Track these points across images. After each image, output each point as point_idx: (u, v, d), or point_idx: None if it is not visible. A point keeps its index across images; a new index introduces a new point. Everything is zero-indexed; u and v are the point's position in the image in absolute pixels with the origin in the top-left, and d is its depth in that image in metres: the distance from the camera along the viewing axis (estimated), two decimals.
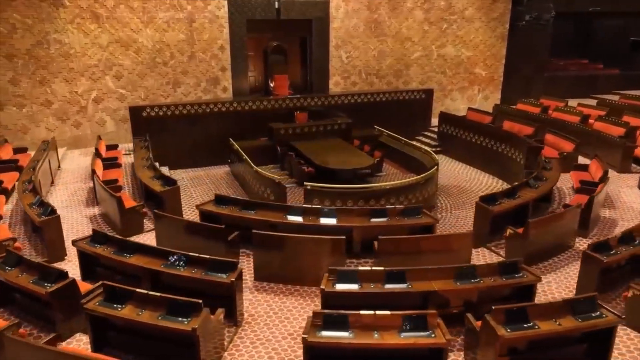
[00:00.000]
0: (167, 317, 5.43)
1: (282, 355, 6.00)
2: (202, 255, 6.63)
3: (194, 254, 6.67)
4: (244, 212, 8.70)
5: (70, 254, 8.19)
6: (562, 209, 9.01)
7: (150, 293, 5.64)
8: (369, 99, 15.91)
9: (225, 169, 14.18)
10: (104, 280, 7.31)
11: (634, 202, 10.58)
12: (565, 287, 7.53)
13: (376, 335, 5.13)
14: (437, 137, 15.84)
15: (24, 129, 13.64)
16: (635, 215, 9.93)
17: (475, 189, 12.34)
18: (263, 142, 14.35)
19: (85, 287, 6.58)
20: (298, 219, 8.46)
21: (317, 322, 5.26)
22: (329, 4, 15.86)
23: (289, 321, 6.72)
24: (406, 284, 6.26)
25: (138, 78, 14.53)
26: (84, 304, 5.62)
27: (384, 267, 6.44)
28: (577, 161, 12.33)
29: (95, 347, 5.84)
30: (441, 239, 7.74)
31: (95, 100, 14.23)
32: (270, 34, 16.58)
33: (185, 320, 5.36)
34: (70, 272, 7.71)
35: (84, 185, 11.61)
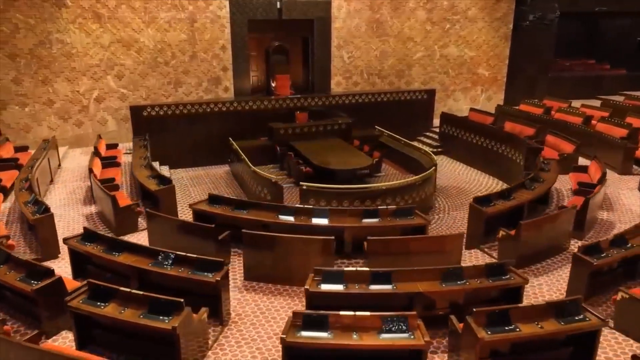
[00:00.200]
0: (148, 316, 5.45)
1: (265, 355, 6.00)
2: (189, 254, 6.65)
3: (181, 253, 6.69)
4: (236, 212, 8.72)
5: (63, 252, 8.24)
6: (556, 211, 8.93)
7: (133, 291, 5.66)
8: (370, 99, 15.88)
9: (225, 169, 14.23)
10: (95, 278, 7.40)
11: (634, 205, 10.45)
12: (556, 289, 7.45)
13: (355, 336, 5.11)
14: (439, 137, 15.77)
15: (27, 127, 13.79)
16: (634, 218, 9.80)
17: (474, 190, 12.26)
18: (263, 142, 14.38)
19: (75, 285, 6.62)
20: (290, 219, 8.46)
21: (297, 322, 5.26)
22: (330, 4, 15.85)
23: (275, 321, 6.72)
24: (391, 285, 6.23)
25: (139, 78, 14.61)
26: (68, 301, 5.65)
27: (369, 268, 6.42)
28: (577, 162, 12.21)
29: (80, 345, 5.88)
30: (431, 240, 7.70)
31: (97, 100, 14.34)
32: (272, 34, 16.60)
33: (166, 319, 5.38)
34: (62, 270, 7.86)
35: (83, 184, 11.70)
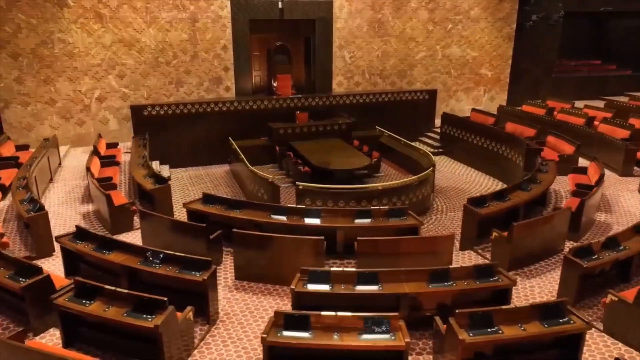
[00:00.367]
0: (132, 314, 5.49)
1: (250, 355, 6.01)
2: (177, 253, 6.68)
3: (169, 252, 6.72)
4: (229, 211, 8.74)
5: (58, 250, 8.31)
6: (550, 212, 8.86)
7: (118, 290, 5.70)
8: (371, 99, 15.85)
9: (225, 168, 14.26)
10: (87, 276, 7.46)
11: (633, 207, 10.35)
12: (548, 291, 7.39)
13: (336, 336, 5.11)
14: (440, 138, 15.70)
15: (29, 126, 13.93)
16: (632, 220, 9.68)
17: (473, 191, 12.18)
18: (262, 142, 14.40)
19: (65, 283, 6.67)
20: (282, 219, 8.46)
21: (279, 322, 5.26)
22: (332, 4, 15.83)
23: (264, 320, 6.71)
24: (378, 285, 6.22)
25: (141, 77, 14.70)
26: (54, 299, 5.70)
27: (359, 268, 6.40)
28: (577, 163, 12.10)
29: (66, 343, 5.93)
30: (422, 241, 7.66)
31: (99, 99, 14.44)
32: (275, 34, 16.62)
33: (149, 318, 5.41)
34: (56, 267, 7.94)
35: (82, 183, 11.79)
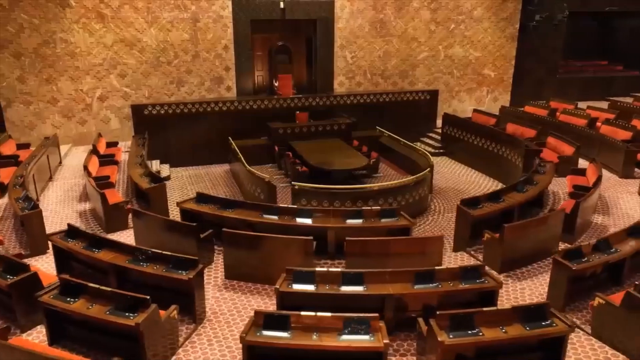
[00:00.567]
0: (115, 312, 5.52)
1: (235, 354, 6.02)
2: (164, 252, 6.71)
3: (157, 250, 6.75)
4: (221, 211, 8.76)
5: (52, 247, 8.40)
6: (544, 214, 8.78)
7: (102, 288, 5.73)
8: (372, 99, 15.81)
9: (225, 168, 14.31)
10: (78, 274, 7.54)
11: (632, 209, 10.22)
12: (539, 294, 7.32)
13: (315, 336, 5.10)
14: (441, 138, 15.63)
15: (31, 125, 14.07)
16: (630, 223, 9.47)
17: (472, 192, 12.10)
18: (262, 142, 14.43)
19: (54, 281, 6.72)
20: (274, 218, 8.47)
21: (259, 321, 5.26)
22: (333, 4, 15.82)
23: None
24: (363, 286, 6.20)
25: (142, 77, 14.79)
26: (39, 296, 5.75)
27: (348, 269, 6.39)
28: (577, 165, 11.99)
29: (52, 340, 5.98)
30: (411, 242, 7.63)
31: (100, 98, 14.55)
32: (278, 33, 16.64)
33: (132, 316, 5.44)
34: (49, 265, 8.01)
35: (81, 181, 11.88)
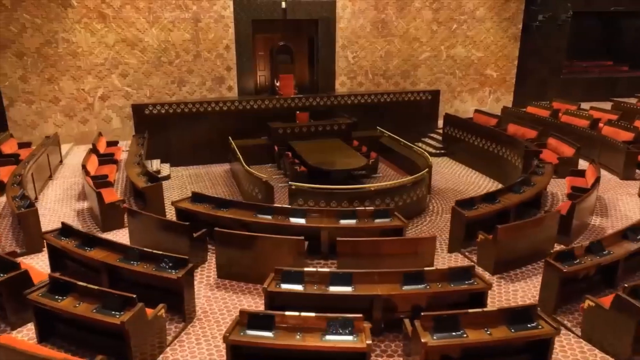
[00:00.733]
0: (101, 310, 5.55)
1: (222, 353, 6.00)
2: (154, 251, 6.74)
3: (147, 249, 6.78)
4: (216, 210, 8.78)
5: None
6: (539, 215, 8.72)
7: (89, 286, 5.77)
8: (373, 99, 15.77)
9: (225, 167, 14.33)
10: (72, 272, 7.59)
11: (630, 211, 10.13)
12: (531, 295, 7.27)
13: (299, 336, 5.10)
14: (442, 139, 15.57)
15: (33, 124, 14.20)
16: (628, 225, 9.49)
17: (472, 193, 12.01)
18: (262, 142, 14.44)
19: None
20: (267, 218, 8.48)
21: (244, 321, 5.27)
22: (335, 4, 15.82)
23: None
24: (351, 286, 6.19)
25: (143, 76, 14.87)
26: (28, 294, 5.80)
27: (339, 269, 6.39)
28: (577, 166, 11.90)
29: (41, 337, 6.03)
30: (402, 243, 7.60)
31: (102, 98, 14.65)
32: (280, 34, 16.66)
33: (117, 314, 5.47)
34: (44, 263, 8.06)
35: (80, 180, 11.93)
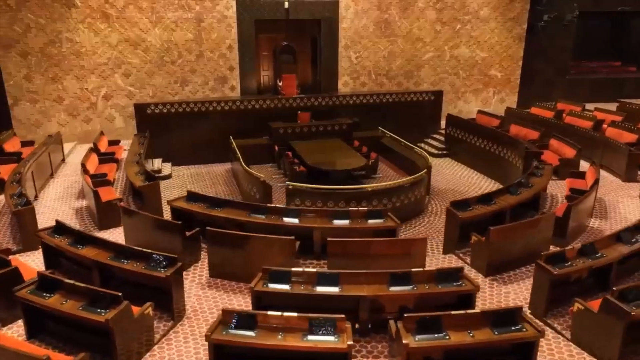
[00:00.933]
0: (87, 308, 5.59)
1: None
2: (144, 249, 6.78)
3: (137, 248, 6.82)
4: (210, 210, 8.81)
5: None
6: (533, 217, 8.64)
7: (76, 284, 5.81)
8: (375, 99, 15.73)
9: (226, 167, 14.37)
10: (65, 270, 7.67)
11: (630, 213, 10.01)
12: (523, 298, 7.21)
13: (280, 336, 5.10)
14: (445, 140, 15.49)
15: (37, 123, 14.36)
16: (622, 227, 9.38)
17: (472, 194, 11.92)
18: (263, 141, 14.46)
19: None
20: (261, 218, 8.49)
21: (226, 320, 5.28)
22: (338, 4, 15.81)
23: None
24: (338, 287, 6.18)
25: (146, 76, 14.96)
26: (16, 291, 5.86)
27: (316, 269, 6.38)
28: (578, 167, 11.79)
29: (30, 334, 6.09)
30: (392, 243, 7.56)
31: (105, 97, 14.77)
32: (283, 34, 16.69)
33: (103, 312, 5.50)
34: (39, 261, 8.14)
35: (81, 178, 12.04)
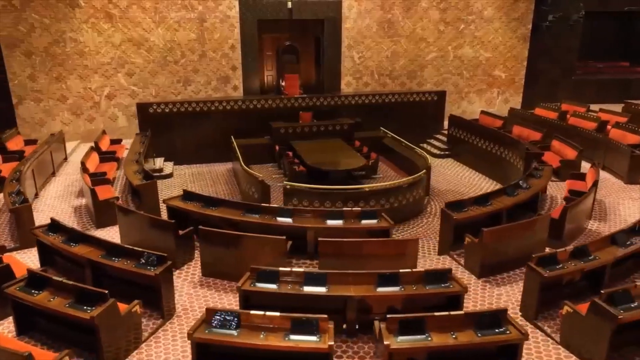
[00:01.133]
0: (74, 305, 5.64)
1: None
2: (135, 248, 6.82)
3: (128, 246, 6.87)
4: (205, 209, 8.85)
5: None
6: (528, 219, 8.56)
7: (64, 281, 5.87)
8: (378, 100, 15.68)
9: (228, 166, 14.41)
10: (60, 267, 7.74)
11: (630, 216, 9.88)
12: (515, 300, 7.14)
13: (262, 336, 5.11)
14: (447, 140, 15.41)
15: (41, 122, 14.52)
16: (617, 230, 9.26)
17: (472, 195, 11.87)
18: (264, 141, 14.48)
19: None
20: (254, 217, 8.51)
21: (209, 319, 5.30)
22: (341, 4, 15.80)
23: None
24: (325, 287, 6.17)
25: (149, 76, 15.06)
26: (5, 287, 5.92)
27: (304, 269, 6.38)
28: (579, 169, 11.67)
29: (19, 331, 6.16)
30: (384, 244, 7.54)
31: (108, 97, 14.90)
32: (287, 34, 16.71)
33: (89, 309, 5.55)
34: (35, 259, 8.23)
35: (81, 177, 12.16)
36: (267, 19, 15.61)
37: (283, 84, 16.42)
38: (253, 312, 5.22)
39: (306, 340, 5.04)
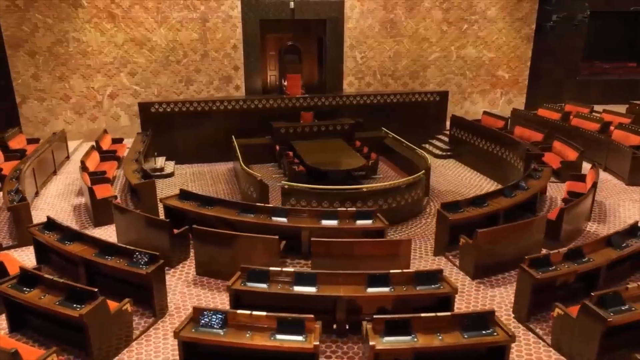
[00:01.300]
0: (64, 303, 5.68)
1: None
2: (128, 246, 6.86)
3: (121, 245, 6.90)
4: (201, 208, 8.87)
5: None
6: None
7: (55, 279, 5.91)
8: (379, 100, 15.65)
9: (229, 166, 14.45)
10: (55, 265, 7.80)
11: (630, 217, 9.77)
12: (508, 302, 7.09)
13: (248, 335, 5.11)
14: (449, 141, 15.35)
15: (44, 121, 14.63)
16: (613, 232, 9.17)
17: (472, 195, 11.83)
18: (265, 141, 14.50)
19: None
20: (250, 217, 8.52)
21: (196, 318, 5.31)
22: (343, 4, 15.78)
23: None
24: (315, 287, 6.17)
25: (152, 75, 15.13)
26: None
27: (294, 269, 6.38)
28: (580, 170, 11.57)
29: (12, 328, 6.21)
30: (376, 244, 7.52)
31: (111, 96, 14.99)
32: (289, 33, 16.73)
33: (79, 307, 5.58)
34: (32, 257, 8.29)
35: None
36: (269, 19, 15.64)
37: (285, 83, 16.43)
38: (240, 311, 5.23)
39: (292, 340, 5.04)
